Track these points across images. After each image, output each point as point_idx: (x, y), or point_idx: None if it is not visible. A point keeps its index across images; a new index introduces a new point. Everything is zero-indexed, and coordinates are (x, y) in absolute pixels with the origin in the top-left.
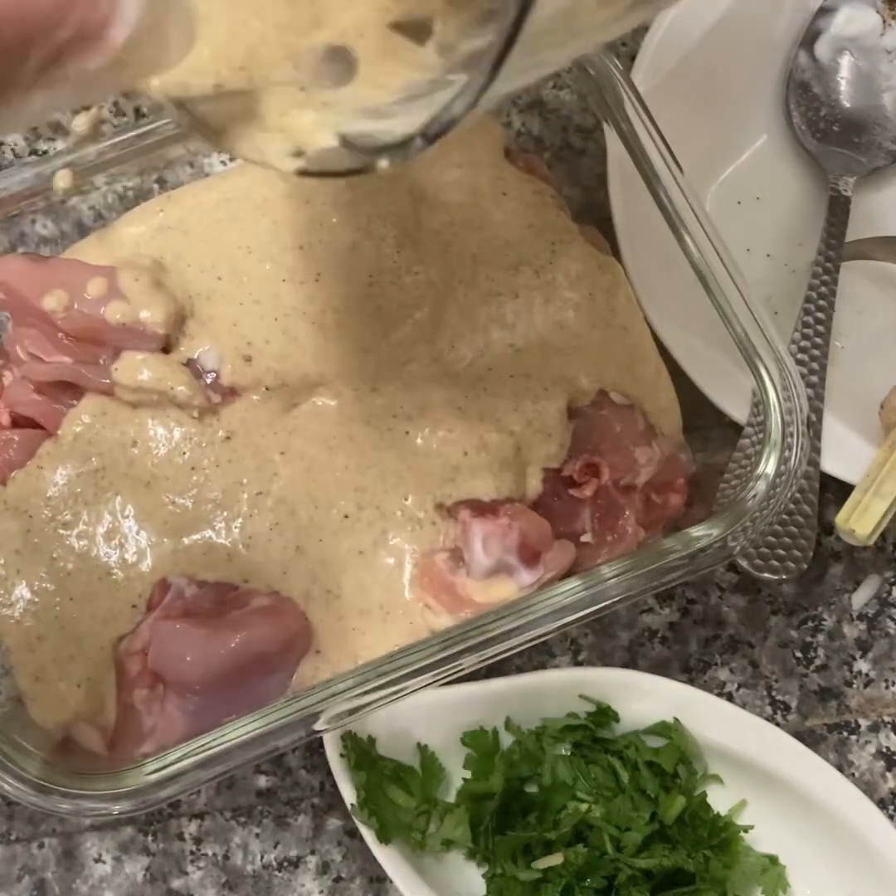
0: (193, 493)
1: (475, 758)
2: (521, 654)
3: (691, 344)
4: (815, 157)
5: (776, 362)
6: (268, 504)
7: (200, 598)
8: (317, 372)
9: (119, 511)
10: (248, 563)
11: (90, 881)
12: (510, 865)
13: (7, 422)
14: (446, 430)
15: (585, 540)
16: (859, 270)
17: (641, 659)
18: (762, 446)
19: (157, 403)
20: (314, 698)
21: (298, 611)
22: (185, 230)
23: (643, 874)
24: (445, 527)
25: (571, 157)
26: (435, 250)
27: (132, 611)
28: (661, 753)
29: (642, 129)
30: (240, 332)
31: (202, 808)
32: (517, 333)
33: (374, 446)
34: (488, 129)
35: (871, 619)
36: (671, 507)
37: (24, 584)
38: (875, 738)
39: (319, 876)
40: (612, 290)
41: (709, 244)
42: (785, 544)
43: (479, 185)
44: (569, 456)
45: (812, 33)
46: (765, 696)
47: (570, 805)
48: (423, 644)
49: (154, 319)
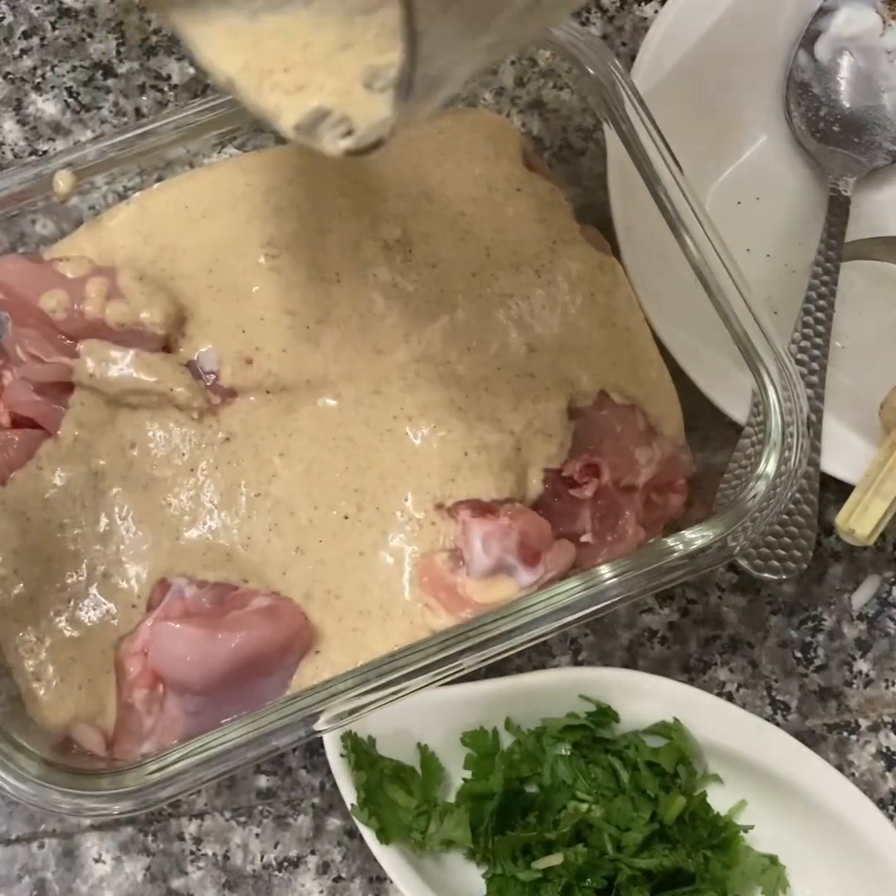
0: (192, 494)
1: (475, 758)
2: (521, 654)
3: (691, 344)
4: (815, 157)
5: (776, 362)
6: (267, 505)
7: (200, 598)
8: (319, 373)
9: (118, 512)
10: (248, 564)
11: (90, 881)
12: (510, 865)
13: (7, 422)
14: (446, 431)
15: (585, 540)
16: (859, 270)
17: (641, 659)
18: (762, 446)
19: (157, 404)
20: (314, 698)
21: (298, 611)
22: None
23: (643, 874)
24: (445, 527)
25: (571, 157)
26: (450, 242)
27: (132, 611)
28: (661, 753)
29: (642, 129)
30: (241, 333)
31: (202, 808)
32: (526, 333)
33: (373, 447)
34: (506, 130)
35: (871, 619)
36: (671, 507)
37: (22, 584)
38: (875, 738)
39: (319, 876)
40: (612, 290)
41: (709, 244)
42: (785, 544)
43: (494, 181)
44: (569, 456)
45: (812, 33)
46: (765, 696)
47: (570, 805)
48: (423, 644)
49: (153, 320)
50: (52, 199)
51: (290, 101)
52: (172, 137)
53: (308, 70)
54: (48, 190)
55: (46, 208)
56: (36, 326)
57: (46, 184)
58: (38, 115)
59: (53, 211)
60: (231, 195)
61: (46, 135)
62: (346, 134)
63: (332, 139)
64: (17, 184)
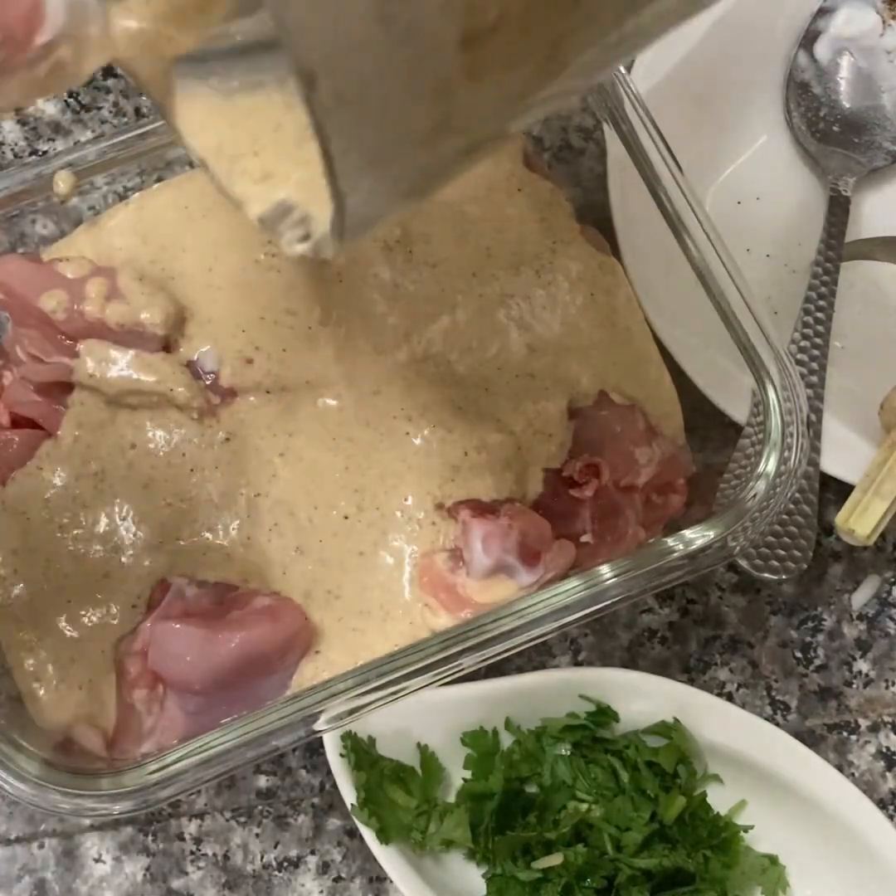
0: (192, 494)
1: (475, 758)
2: (521, 654)
3: (691, 344)
4: (814, 157)
5: (776, 362)
6: (267, 505)
7: (200, 598)
8: (319, 373)
9: (118, 512)
10: (248, 564)
11: (90, 881)
12: (510, 865)
13: (7, 422)
14: (446, 431)
15: (585, 540)
16: (859, 270)
17: (641, 659)
18: (762, 446)
19: (157, 405)
20: (314, 698)
21: (298, 611)
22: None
23: (643, 874)
24: (445, 527)
25: (571, 157)
26: (450, 241)
27: (132, 611)
28: (661, 753)
29: (642, 129)
30: (241, 333)
31: (202, 808)
32: (526, 333)
33: (373, 447)
34: None
35: (870, 619)
36: (671, 507)
37: (22, 585)
38: (875, 738)
39: (319, 876)
40: (612, 290)
41: (709, 244)
42: (785, 544)
43: (496, 180)
44: (569, 456)
45: (812, 33)
46: (765, 696)
47: (570, 805)
48: (423, 644)
49: (153, 320)
50: (52, 199)
51: (256, 191)
52: (172, 137)
53: (276, 156)
54: (48, 190)
55: (46, 208)
56: (36, 326)
57: (46, 184)
58: (38, 115)
59: (53, 211)
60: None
61: (46, 135)
62: (304, 238)
63: (289, 240)
64: (17, 184)
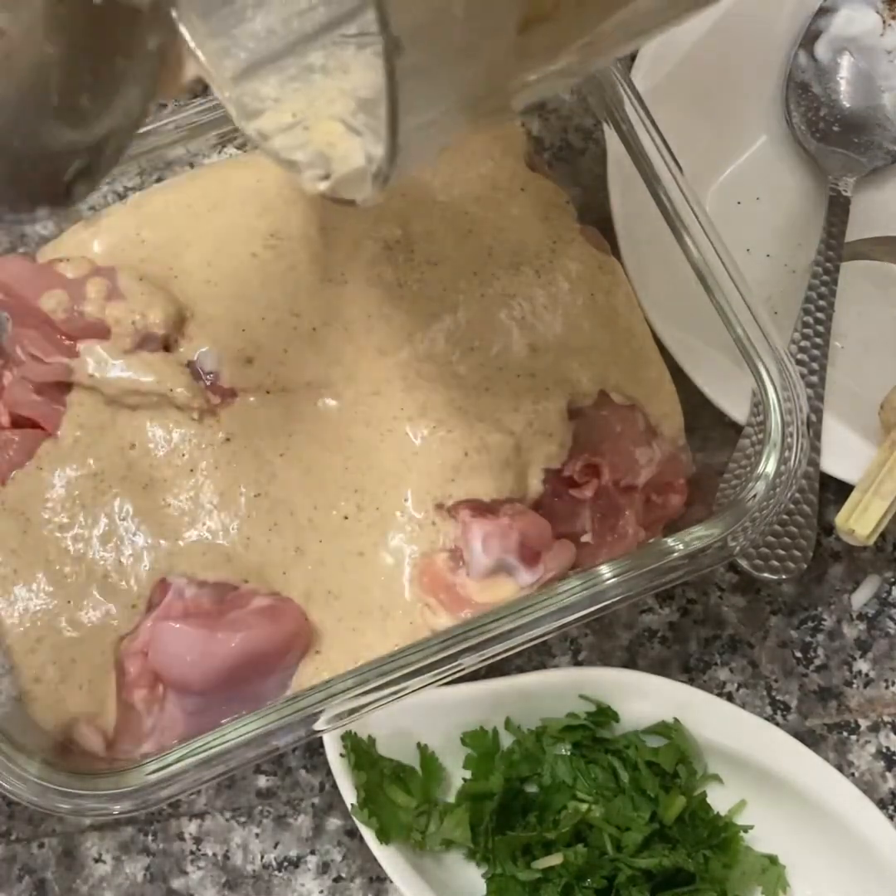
0: (192, 494)
1: (475, 758)
2: (521, 654)
3: (691, 344)
4: (814, 157)
5: (776, 362)
6: (266, 505)
7: (200, 598)
8: (320, 374)
9: (117, 512)
10: (248, 564)
11: (90, 881)
12: (510, 865)
13: (7, 422)
14: (446, 431)
15: (585, 540)
16: (859, 270)
17: (641, 659)
18: (762, 446)
19: (157, 405)
20: (314, 698)
21: (298, 611)
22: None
23: (643, 874)
24: (445, 527)
25: (571, 157)
26: (452, 241)
27: (132, 611)
28: (661, 753)
29: (642, 130)
30: (241, 333)
31: (202, 808)
32: (528, 333)
33: (373, 447)
34: (512, 133)
35: (870, 619)
36: (671, 507)
37: (21, 584)
38: (875, 738)
39: (319, 876)
40: (612, 290)
41: (709, 244)
42: (785, 544)
43: (499, 181)
44: (569, 456)
45: (812, 33)
46: (765, 696)
47: (570, 805)
48: (423, 644)
49: (153, 320)
50: None
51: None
52: (172, 137)
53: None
54: None
55: None
56: (36, 326)
57: None
58: None
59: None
60: (238, 191)
61: None
62: (325, 177)
63: (311, 178)
64: None
